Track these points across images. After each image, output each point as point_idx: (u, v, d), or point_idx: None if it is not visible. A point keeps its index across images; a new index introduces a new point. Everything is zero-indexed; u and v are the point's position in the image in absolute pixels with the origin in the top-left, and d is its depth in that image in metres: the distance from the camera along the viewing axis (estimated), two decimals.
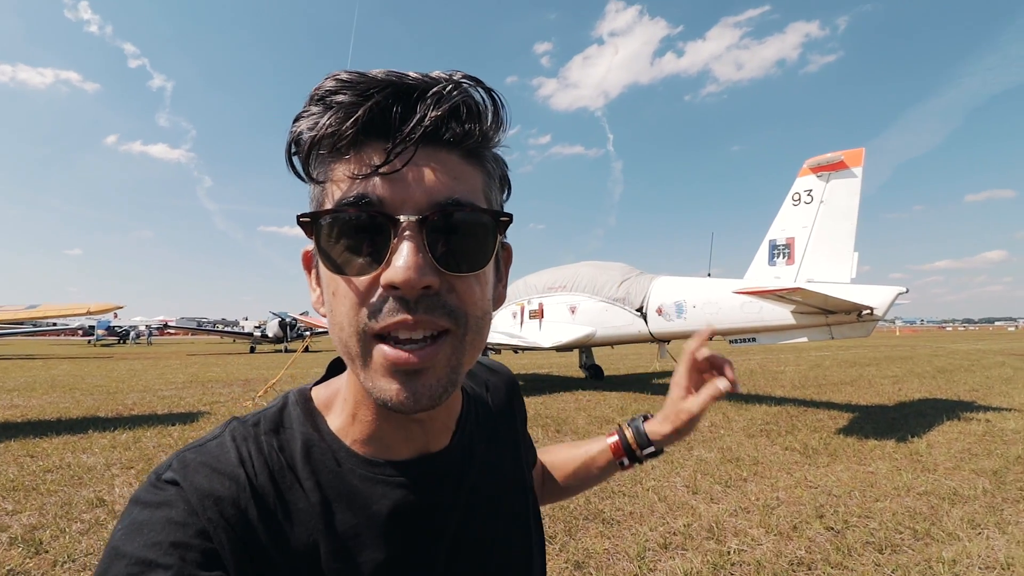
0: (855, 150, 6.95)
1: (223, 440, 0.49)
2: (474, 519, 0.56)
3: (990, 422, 6.19)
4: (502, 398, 0.69)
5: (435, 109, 0.42)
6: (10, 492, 3.70)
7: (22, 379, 11.90)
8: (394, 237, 0.42)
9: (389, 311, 0.42)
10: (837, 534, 2.98)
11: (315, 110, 0.43)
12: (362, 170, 0.42)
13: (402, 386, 0.43)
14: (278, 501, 0.47)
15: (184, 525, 0.42)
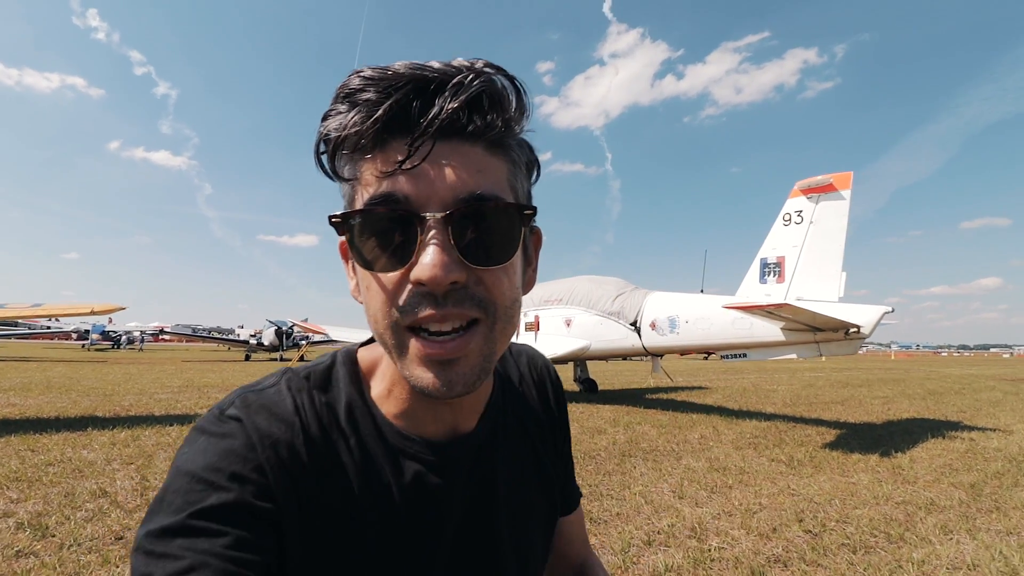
0: (844, 173, 7.20)
1: (280, 388, 0.53)
2: (487, 504, 0.58)
3: (974, 440, 6.32)
4: (533, 390, 0.69)
5: (452, 101, 0.42)
6: (13, 482, 3.79)
7: (17, 380, 11.91)
8: (420, 234, 0.43)
9: (419, 306, 0.43)
10: (814, 536, 3.10)
11: (341, 108, 0.44)
12: (387, 167, 0.43)
13: (436, 375, 0.45)
14: (326, 451, 0.51)
15: (244, 459, 0.46)
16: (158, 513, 0.44)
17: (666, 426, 6.97)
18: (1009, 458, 5.36)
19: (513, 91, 0.46)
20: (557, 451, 0.70)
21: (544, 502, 0.65)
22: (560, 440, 0.72)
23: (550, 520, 0.67)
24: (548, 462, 0.67)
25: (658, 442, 5.90)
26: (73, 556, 2.60)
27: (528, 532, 0.62)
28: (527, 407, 0.67)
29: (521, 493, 0.62)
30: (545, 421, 0.69)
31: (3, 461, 4.38)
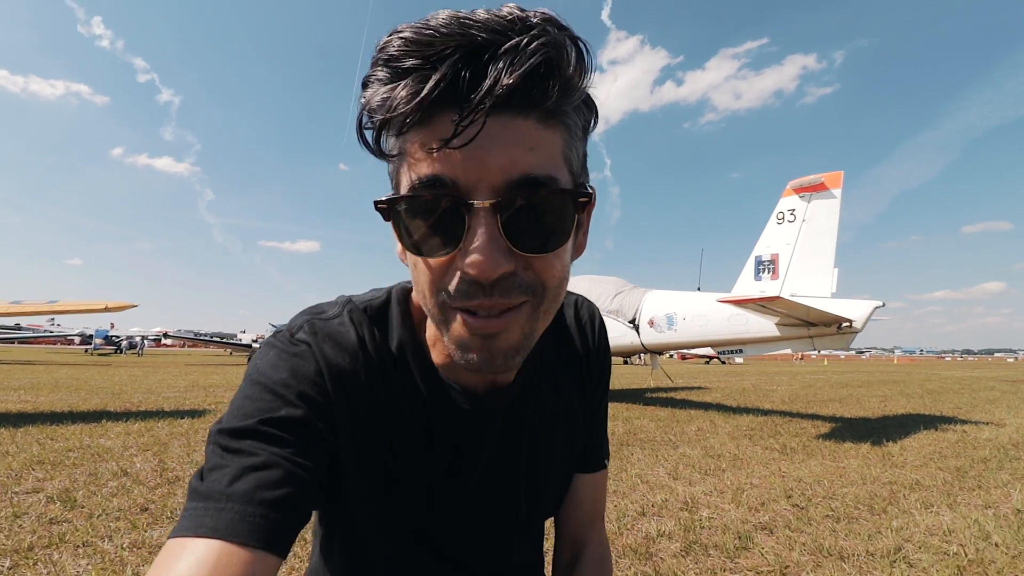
0: (834, 173, 7.40)
1: (344, 320, 0.56)
2: (513, 448, 0.62)
3: (966, 432, 6.47)
4: (576, 339, 0.69)
5: (508, 75, 0.37)
6: (37, 465, 3.96)
7: (25, 380, 12.10)
8: (469, 220, 0.41)
9: (467, 295, 0.43)
10: (801, 509, 3.26)
11: (381, 75, 0.41)
12: (434, 143, 0.40)
13: (478, 350, 0.45)
14: (381, 385, 0.55)
15: (313, 382, 0.51)
16: (231, 415, 0.48)
17: (664, 420, 7.13)
18: (998, 446, 5.51)
19: (574, 50, 0.40)
20: (589, 402, 0.71)
21: (566, 451, 0.68)
22: (594, 391, 0.71)
23: (568, 469, 0.71)
24: (577, 412, 0.69)
25: (656, 434, 6.06)
26: (103, 523, 2.78)
27: (546, 476, 0.66)
28: (566, 356, 0.67)
29: (545, 440, 0.65)
30: (583, 370, 0.69)
31: (25, 447, 4.56)
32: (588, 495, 0.74)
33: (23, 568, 2.22)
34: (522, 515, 0.67)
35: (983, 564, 2.45)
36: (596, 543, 0.75)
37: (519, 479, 0.64)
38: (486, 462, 0.61)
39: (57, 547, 2.45)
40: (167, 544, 0.42)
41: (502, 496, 0.64)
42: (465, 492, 0.61)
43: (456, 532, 0.63)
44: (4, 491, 3.27)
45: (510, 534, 0.68)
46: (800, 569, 2.39)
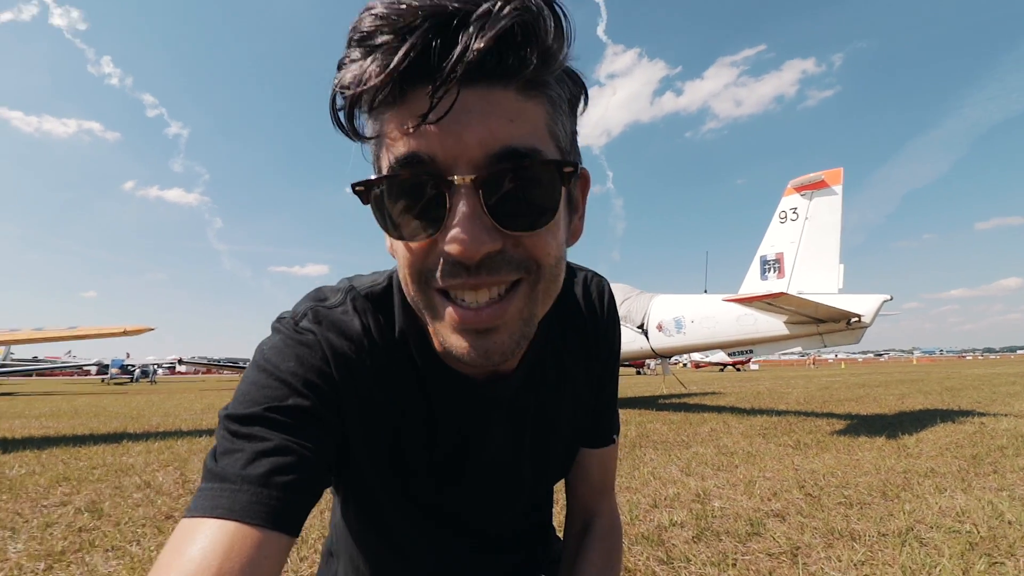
0: (834, 170, 7.46)
1: (347, 308, 0.55)
2: (518, 432, 0.63)
3: (984, 424, 6.38)
4: (584, 316, 0.67)
5: (478, 39, 0.35)
6: (63, 481, 4.08)
7: (46, 408, 12.34)
8: (450, 199, 0.39)
9: (449, 274, 0.41)
10: (813, 497, 3.27)
11: (355, 55, 0.39)
12: (411, 121, 0.38)
13: (472, 344, 0.43)
14: (386, 371, 0.55)
15: (319, 370, 0.51)
16: (239, 401, 0.49)
17: (677, 423, 7.11)
18: (1017, 436, 5.44)
19: (551, 16, 0.38)
20: (595, 379, 0.70)
21: (571, 429, 0.69)
22: (602, 369, 0.70)
23: (573, 445, 0.72)
24: (583, 392, 0.68)
25: (669, 435, 6.06)
26: (130, 529, 2.87)
27: (551, 454, 0.68)
28: (572, 338, 0.66)
29: (550, 422, 0.65)
30: (590, 350, 0.68)
31: (50, 466, 4.69)
32: (597, 468, 0.74)
33: (57, 570, 2.32)
34: (527, 489, 0.70)
35: (995, 541, 2.45)
36: (606, 513, 0.76)
37: (523, 459, 0.66)
38: (490, 445, 0.62)
39: (88, 551, 2.54)
40: (181, 523, 0.43)
41: (507, 475, 0.66)
42: (470, 473, 0.63)
43: (464, 507, 0.66)
44: (34, 505, 3.38)
45: (517, 505, 0.72)
46: (811, 550, 2.41)
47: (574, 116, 0.46)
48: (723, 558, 2.33)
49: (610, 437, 0.75)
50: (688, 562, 2.30)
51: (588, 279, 0.69)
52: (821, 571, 2.18)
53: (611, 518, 0.76)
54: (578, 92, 0.45)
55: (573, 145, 0.47)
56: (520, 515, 0.76)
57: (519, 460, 0.66)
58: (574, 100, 0.45)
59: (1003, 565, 2.19)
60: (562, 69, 0.43)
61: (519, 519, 0.77)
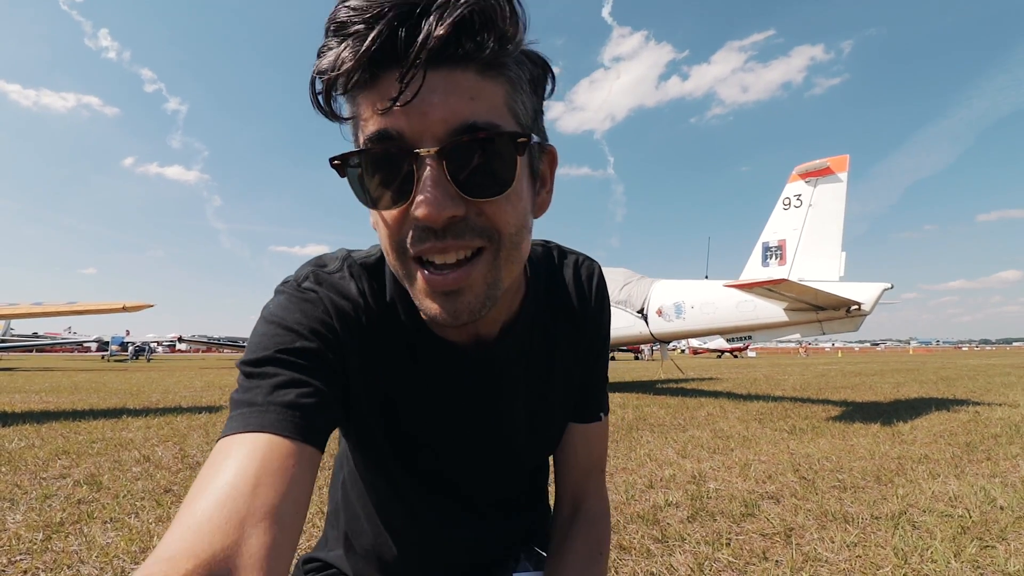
0: (840, 157, 7.38)
1: (344, 274, 0.60)
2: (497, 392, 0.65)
3: (978, 412, 6.43)
4: (574, 297, 0.70)
5: (439, 27, 0.39)
6: (62, 455, 4.10)
7: (46, 384, 12.40)
8: (417, 170, 0.43)
9: (420, 239, 0.46)
10: (808, 481, 3.30)
11: (332, 44, 0.42)
12: (382, 103, 0.42)
13: (442, 306, 0.48)
14: (379, 328, 0.60)
15: (323, 321, 0.55)
16: (251, 350, 0.52)
17: (674, 407, 7.16)
18: (1010, 424, 5.48)
19: (506, 3, 0.43)
20: (582, 356, 0.72)
21: (561, 400, 0.72)
22: (590, 347, 0.73)
23: (564, 419, 0.74)
24: (573, 368, 0.71)
25: (665, 419, 6.10)
26: (128, 502, 2.89)
27: (545, 427, 0.72)
28: (561, 317, 0.69)
29: (541, 388, 0.69)
30: (579, 329, 0.70)
31: (49, 440, 4.71)
32: (584, 445, 0.75)
33: (56, 540, 2.33)
34: (520, 457, 0.73)
35: (987, 525, 2.48)
36: (595, 496, 0.75)
37: (517, 427, 0.69)
38: (479, 409, 0.65)
39: (87, 522, 2.56)
40: (217, 445, 0.46)
41: (498, 441, 0.68)
42: (461, 436, 0.66)
43: (456, 468, 0.69)
44: (33, 477, 3.40)
45: (510, 472, 0.74)
46: (804, 531, 2.43)
47: (537, 95, 0.50)
48: (717, 537, 2.36)
49: (597, 414, 0.76)
50: (683, 541, 2.33)
51: (579, 262, 0.72)
52: (814, 551, 2.20)
53: (600, 501, 0.76)
54: (539, 73, 0.49)
55: (535, 121, 0.50)
56: (514, 483, 0.78)
57: (512, 428, 0.68)
58: (536, 80, 0.49)
59: (994, 549, 2.21)
60: (521, 51, 0.46)
61: (513, 486, 0.78)
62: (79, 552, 2.20)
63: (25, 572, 2.02)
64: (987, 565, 2.07)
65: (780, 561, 2.12)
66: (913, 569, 2.04)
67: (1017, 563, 2.07)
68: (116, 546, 2.25)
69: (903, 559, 2.12)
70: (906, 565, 2.07)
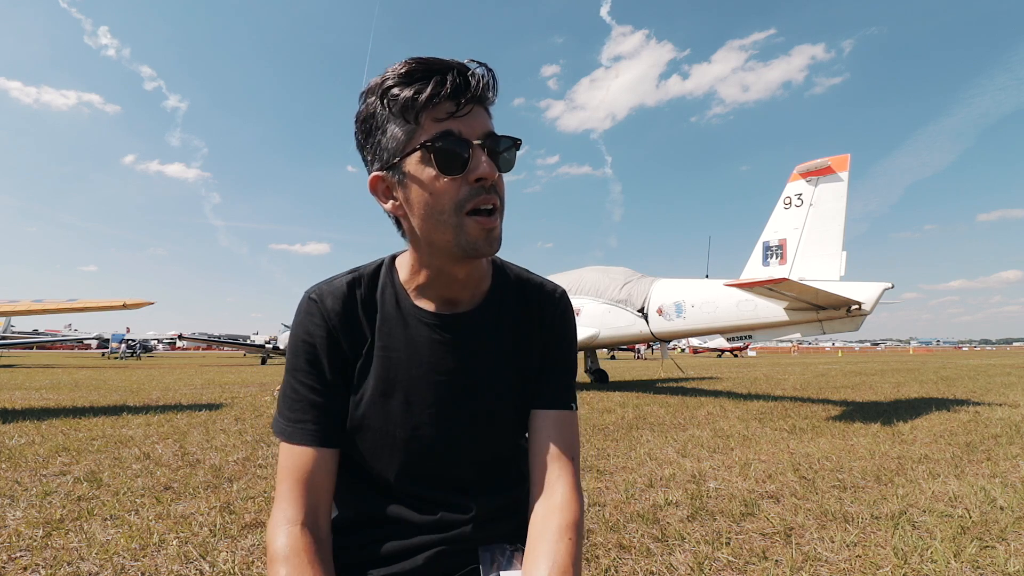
0: (841, 156, 7.36)
1: (341, 283, 0.84)
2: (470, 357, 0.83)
3: (978, 412, 6.43)
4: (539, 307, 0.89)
5: (480, 85, 0.71)
6: (62, 452, 4.11)
7: (46, 381, 12.42)
8: (472, 152, 0.70)
9: (478, 194, 0.71)
10: (808, 480, 3.30)
11: (400, 83, 0.69)
12: (442, 116, 0.70)
13: (486, 238, 0.72)
14: (365, 316, 0.83)
15: (319, 325, 0.81)
16: (286, 349, 0.83)
17: (674, 406, 7.16)
18: (1010, 424, 5.48)
19: (492, 76, 0.74)
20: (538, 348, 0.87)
21: (515, 374, 0.85)
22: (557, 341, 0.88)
23: (522, 389, 0.86)
24: (528, 350, 0.87)
25: (665, 418, 6.10)
26: (129, 499, 2.90)
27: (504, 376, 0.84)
28: (526, 310, 0.88)
29: (501, 351, 0.85)
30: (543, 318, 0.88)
31: (49, 437, 4.72)
32: (553, 430, 0.83)
33: (56, 536, 2.33)
34: (488, 413, 0.83)
35: (987, 525, 2.48)
36: (565, 485, 0.79)
37: (481, 380, 0.83)
38: (450, 366, 0.82)
39: (86, 520, 2.56)
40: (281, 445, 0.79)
41: (466, 392, 0.82)
42: (433, 386, 0.81)
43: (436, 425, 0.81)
44: (34, 474, 3.41)
45: (482, 428, 0.84)
46: (804, 531, 2.43)
47: None
48: (717, 536, 2.35)
49: (568, 403, 0.86)
50: (682, 540, 2.32)
51: (546, 282, 0.93)
52: (814, 551, 2.19)
53: (569, 489, 0.79)
54: None
55: None
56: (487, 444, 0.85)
57: (478, 379, 0.83)
58: None
59: (994, 549, 2.21)
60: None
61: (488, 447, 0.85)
62: (79, 549, 2.20)
63: (25, 569, 2.02)
64: (987, 565, 2.07)
65: (780, 561, 2.11)
66: (913, 569, 2.04)
67: (1017, 563, 2.07)
68: (116, 543, 2.26)
69: (903, 559, 2.12)
70: (906, 565, 2.07)
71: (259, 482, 3.27)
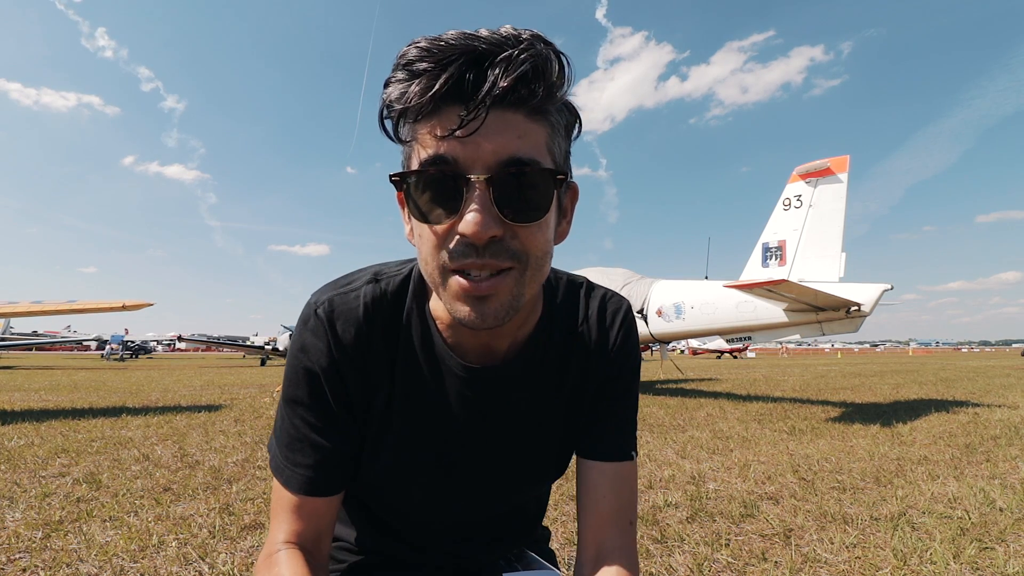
0: (840, 157, 7.38)
1: (360, 295, 0.65)
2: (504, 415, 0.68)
3: (978, 414, 6.43)
4: (594, 330, 0.71)
5: (504, 78, 0.46)
6: (62, 453, 4.10)
7: (45, 382, 12.40)
8: (467, 192, 0.49)
9: (462, 254, 0.50)
10: (807, 482, 3.30)
11: (400, 76, 0.48)
12: (442, 132, 0.48)
13: (472, 308, 0.52)
14: (384, 354, 0.65)
15: (324, 354, 0.63)
16: (284, 383, 0.66)
17: (673, 407, 7.16)
18: (1010, 426, 5.48)
19: (556, 61, 0.49)
20: (599, 390, 0.71)
21: (557, 427, 0.71)
22: (613, 381, 0.71)
23: (564, 446, 0.73)
24: (579, 397, 0.71)
25: (665, 419, 6.10)
26: (128, 500, 2.89)
27: (535, 441, 0.71)
28: (579, 342, 0.70)
29: (538, 411, 0.69)
30: (597, 359, 0.71)
31: (49, 439, 4.71)
32: (609, 487, 0.68)
33: (55, 538, 2.33)
34: (507, 478, 0.72)
35: (986, 526, 2.48)
36: (619, 551, 0.66)
37: (506, 446, 0.69)
38: (474, 420, 0.67)
39: (86, 521, 2.55)
40: (273, 487, 0.66)
41: (485, 457, 0.69)
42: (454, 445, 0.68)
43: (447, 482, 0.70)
44: (33, 475, 3.40)
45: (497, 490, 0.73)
46: (804, 532, 2.43)
47: (568, 139, 0.57)
48: (716, 538, 2.35)
49: (628, 452, 0.70)
50: (682, 541, 2.32)
51: (606, 296, 0.74)
52: (813, 552, 2.19)
53: (624, 557, 0.66)
54: (573, 120, 0.56)
55: (566, 161, 0.57)
56: (500, 503, 0.76)
57: (503, 445, 0.70)
58: (569, 126, 0.56)
59: (993, 550, 2.21)
60: (562, 101, 0.53)
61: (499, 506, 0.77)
62: (78, 550, 2.20)
63: (24, 570, 2.02)
64: (986, 567, 2.07)
65: (779, 562, 2.11)
66: (912, 570, 2.04)
67: (1016, 565, 2.07)
68: (115, 544, 2.25)
69: (902, 560, 2.12)
70: (905, 566, 2.07)
71: (258, 483, 3.27)
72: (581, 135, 0.58)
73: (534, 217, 0.51)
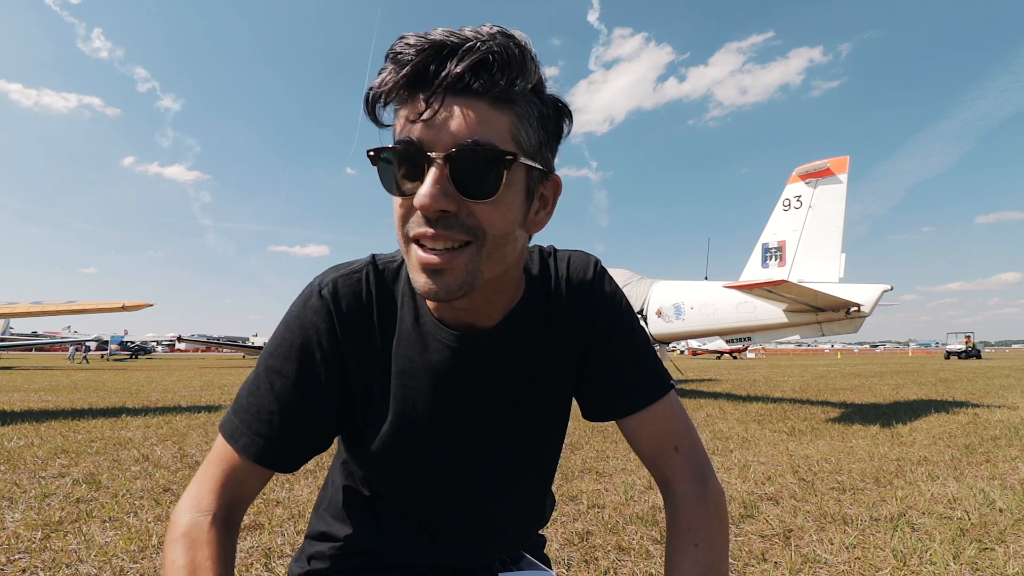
0: (840, 158, 7.38)
1: (361, 277, 0.70)
2: (495, 382, 0.71)
3: (977, 415, 6.43)
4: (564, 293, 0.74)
5: (458, 65, 0.51)
6: (61, 454, 4.10)
7: (45, 383, 12.40)
8: (427, 168, 0.53)
9: (416, 224, 0.55)
10: (807, 482, 3.30)
11: (388, 66, 0.54)
12: (412, 116, 0.54)
13: (428, 279, 0.56)
14: (382, 330, 0.69)
15: (327, 332, 0.66)
16: (268, 349, 0.67)
17: None
18: (1009, 426, 5.48)
19: (516, 50, 0.53)
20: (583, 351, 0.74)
21: (547, 391, 0.74)
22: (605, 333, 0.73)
23: (560, 405, 0.76)
24: (563, 362, 0.74)
25: None
26: (127, 501, 2.89)
27: (531, 404, 0.74)
28: (555, 313, 0.73)
29: (528, 377, 0.72)
30: (574, 322, 0.73)
31: (48, 439, 4.71)
32: (646, 429, 0.71)
33: (54, 539, 2.33)
34: (509, 444, 0.73)
35: (986, 527, 2.48)
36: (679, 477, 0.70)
37: (503, 409, 0.72)
38: (470, 388, 0.70)
39: (85, 522, 2.55)
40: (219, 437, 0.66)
41: (486, 423, 0.72)
42: (456, 413, 0.70)
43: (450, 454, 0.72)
44: (32, 476, 3.40)
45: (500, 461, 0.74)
46: (803, 533, 2.43)
47: (546, 130, 0.59)
48: None
49: (646, 396, 0.71)
50: None
51: (571, 259, 0.76)
52: (813, 553, 2.19)
53: (683, 481, 0.69)
54: (549, 113, 0.58)
55: (540, 151, 0.59)
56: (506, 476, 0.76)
57: (500, 409, 0.72)
58: (545, 118, 0.58)
59: (993, 551, 2.21)
60: (535, 93, 0.57)
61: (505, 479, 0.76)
62: (78, 551, 2.20)
63: (24, 571, 2.01)
64: (986, 567, 2.07)
65: (779, 562, 2.11)
66: (912, 571, 2.04)
67: (1016, 565, 2.07)
68: (115, 545, 2.25)
69: (902, 561, 2.12)
70: (905, 567, 2.07)
71: None
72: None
73: (487, 194, 0.54)
